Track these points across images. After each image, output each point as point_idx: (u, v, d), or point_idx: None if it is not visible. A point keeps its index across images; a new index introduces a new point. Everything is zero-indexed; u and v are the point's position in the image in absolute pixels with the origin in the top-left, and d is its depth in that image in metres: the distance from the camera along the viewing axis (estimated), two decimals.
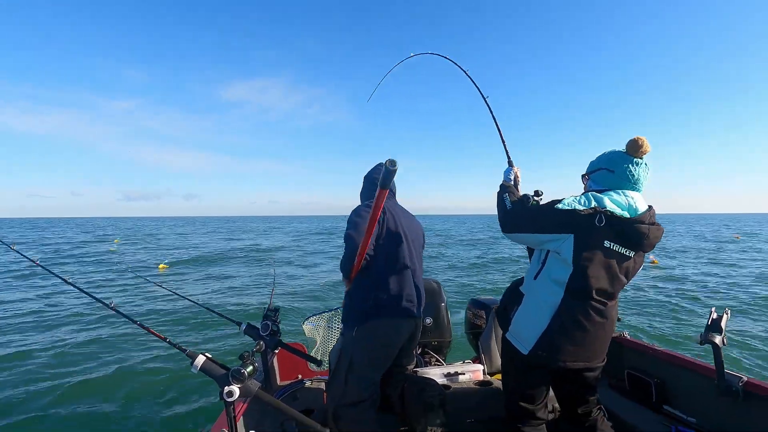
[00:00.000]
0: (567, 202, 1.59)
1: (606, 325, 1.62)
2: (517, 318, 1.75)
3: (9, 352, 5.93)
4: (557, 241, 1.59)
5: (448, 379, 2.47)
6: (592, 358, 1.64)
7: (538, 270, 1.69)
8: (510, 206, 1.76)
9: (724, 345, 1.70)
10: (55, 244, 26.91)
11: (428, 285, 2.94)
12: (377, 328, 1.92)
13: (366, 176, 2.27)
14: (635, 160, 1.63)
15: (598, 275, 1.55)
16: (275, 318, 2.34)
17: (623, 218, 1.55)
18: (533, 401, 1.74)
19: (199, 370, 1.39)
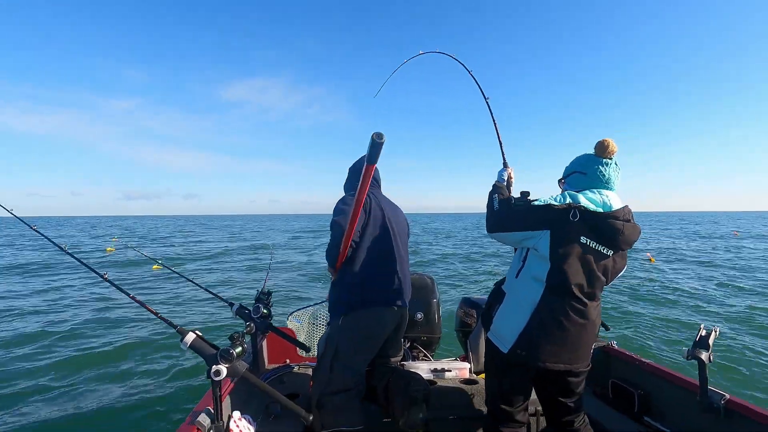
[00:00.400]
0: (543, 200, 1.66)
1: (587, 326, 1.64)
2: (498, 316, 1.77)
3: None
4: (534, 238, 1.63)
5: (434, 374, 2.49)
6: (573, 361, 1.65)
7: (519, 268, 1.72)
8: (497, 207, 1.81)
9: (710, 362, 1.72)
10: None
11: (422, 280, 2.95)
12: (362, 317, 1.95)
13: (351, 167, 2.26)
14: (604, 161, 1.69)
15: (576, 270, 1.59)
16: (267, 301, 2.35)
17: (597, 213, 1.59)
18: (513, 403, 1.75)
19: (189, 347, 1.40)
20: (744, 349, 6.13)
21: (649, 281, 11.39)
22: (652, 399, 2.14)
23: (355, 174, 2.18)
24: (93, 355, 4.90)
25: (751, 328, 7.24)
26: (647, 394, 2.15)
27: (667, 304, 8.92)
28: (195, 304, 7.33)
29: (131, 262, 15.10)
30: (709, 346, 1.72)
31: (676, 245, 22.73)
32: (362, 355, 1.99)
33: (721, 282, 11.74)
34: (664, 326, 7.19)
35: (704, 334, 1.76)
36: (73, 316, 6.41)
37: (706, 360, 1.71)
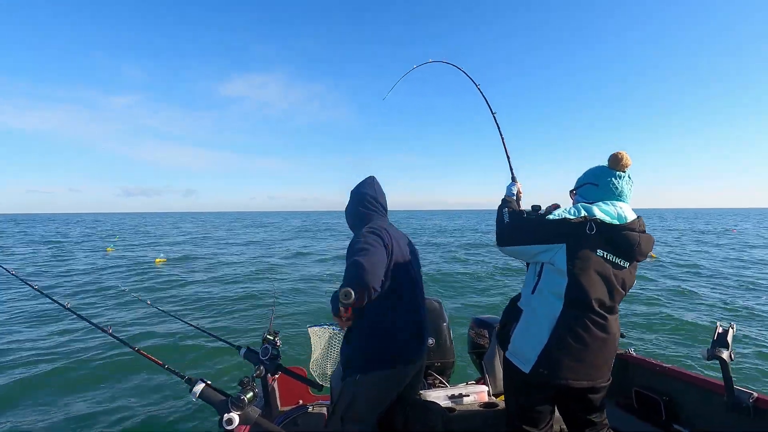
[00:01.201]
0: (557, 213, 1.63)
1: (608, 341, 1.60)
2: (516, 335, 1.71)
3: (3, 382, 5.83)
4: (550, 251, 1.60)
5: (453, 401, 2.42)
6: (595, 377, 1.61)
7: (534, 284, 1.68)
8: (507, 220, 1.77)
9: (731, 360, 1.68)
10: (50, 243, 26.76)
11: (429, 305, 2.90)
12: (382, 378, 1.81)
13: (353, 192, 2.06)
14: (618, 174, 1.69)
15: (595, 284, 1.56)
16: (275, 341, 2.31)
17: (613, 225, 1.58)
18: (537, 424, 1.70)
19: (198, 397, 1.37)
20: (762, 343, 6.01)
21: (654, 282, 11.28)
22: (678, 405, 2.07)
23: (358, 200, 2.02)
24: (92, 410, 4.76)
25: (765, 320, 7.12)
26: (673, 400, 2.09)
27: (676, 304, 8.80)
28: (200, 346, 7.20)
29: (132, 263, 14.90)
30: (729, 344, 1.68)
31: (676, 242, 22.68)
32: (378, 411, 1.87)
33: (727, 278, 11.63)
34: (676, 328, 7.07)
35: (721, 331, 1.73)
36: (70, 367, 6.28)
37: (727, 358, 1.67)
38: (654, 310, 8.32)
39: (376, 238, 1.76)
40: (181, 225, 49.26)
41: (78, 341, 7.96)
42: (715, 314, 7.74)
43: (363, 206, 1.99)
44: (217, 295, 11.85)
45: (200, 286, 12.80)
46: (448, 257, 18.83)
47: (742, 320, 7.25)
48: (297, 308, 10.53)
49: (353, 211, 2.02)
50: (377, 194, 2.03)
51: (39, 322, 9.86)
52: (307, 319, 9.48)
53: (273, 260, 19.20)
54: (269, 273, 15.63)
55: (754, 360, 5.47)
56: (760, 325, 7.03)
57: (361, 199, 2.01)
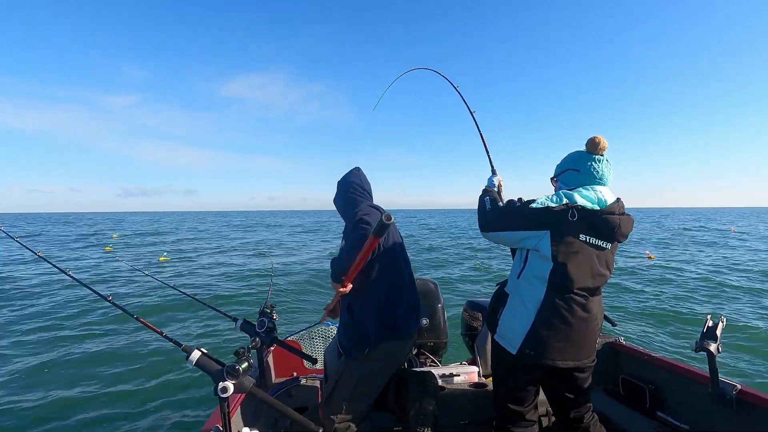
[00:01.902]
0: (540, 201, 1.67)
1: (590, 319, 1.65)
2: (503, 318, 1.77)
3: (2, 344, 5.94)
4: (534, 238, 1.65)
5: (443, 380, 2.47)
6: (580, 356, 1.66)
7: (521, 269, 1.73)
8: (489, 207, 1.82)
9: (718, 353, 1.71)
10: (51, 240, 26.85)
11: (425, 285, 2.94)
12: (385, 351, 1.88)
13: (340, 182, 2.15)
14: (596, 157, 1.72)
15: (579, 268, 1.61)
16: (271, 315, 2.34)
17: (594, 210, 1.62)
18: (522, 403, 1.76)
19: (195, 365, 1.39)
20: (752, 337, 6.10)
21: (651, 276, 11.37)
22: (663, 393, 2.12)
23: (344, 188, 2.11)
24: (93, 377, 4.88)
25: (757, 316, 7.21)
26: (658, 389, 2.13)
27: (671, 297, 8.89)
28: (198, 318, 7.30)
29: (135, 260, 15.07)
30: (717, 337, 1.71)
31: (675, 241, 22.75)
32: (381, 386, 1.95)
33: (723, 273, 11.72)
34: (669, 319, 7.16)
35: (711, 324, 1.75)
36: (75, 335, 6.39)
37: (714, 351, 1.70)
38: (647, 303, 8.42)
39: (366, 227, 1.84)
40: (183, 225, 49.26)
41: (78, 309, 8.09)
42: (709, 308, 7.83)
43: (350, 193, 2.09)
44: (217, 272, 11.99)
45: (202, 269, 12.96)
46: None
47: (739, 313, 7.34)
48: (294, 284, 10.66)
49: (342, 199, 2.12)
50: (362, 182, 2.14)
51: (40, 289, 9.98)
52: (305, 294, 9.60)
53: (271, 239, 19.31)
54: (269, 252, 15.78)
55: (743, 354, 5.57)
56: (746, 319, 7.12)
57: (347, 187, 2.11)
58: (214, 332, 6.63)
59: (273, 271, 4.87)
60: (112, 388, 4.57)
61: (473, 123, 2.61)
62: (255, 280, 11.52)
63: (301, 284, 10.78)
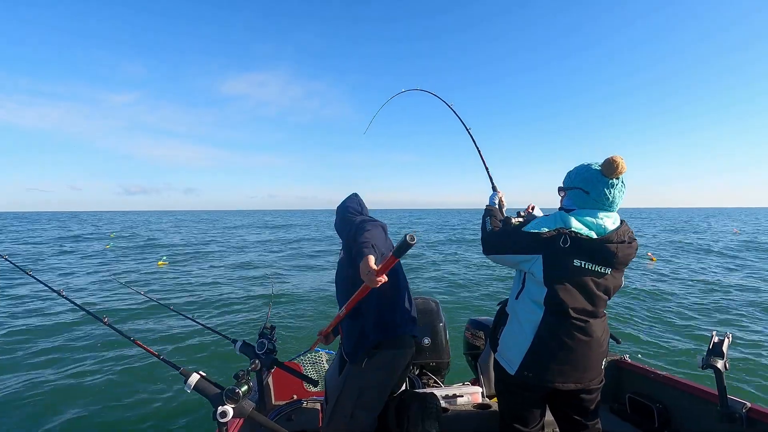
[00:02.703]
0: (533, 224, 1.65)
1: (591, 343, 1.61)
2: (503, 338, 1.77)
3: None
4: (528, 261, 1.64)
5: (446, 401, 2.43)
6: (583, 379, 1.63)
7: (519, 290, 1.73)
8: (489, 228, 1.83)
9: (726, 369, 1.68)
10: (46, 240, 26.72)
11: (426, 304, 2.91)
12: (387, 358, 1.87)
13: (340, 207, 2.24)
14: (611, 182, 1.61)
15: (573, 294, 1.58)
16: (271, 336, 2.31)
17: (590, 239, 1.57)
18: (527, 423, 1.73)
19: (193, 389, 1.37)
20: (760, 353, 6.01)
21: (653, 289, 11.28)
22: (671, 412, 2.08)
23: (343, 212, 2.19)
24: (90, 400, 4.77)
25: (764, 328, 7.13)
26: (666, 408, 2.09)
27: (673, 311, 8.81)
28: (196, 340, 7.20)
29: (131, 260, 14.89)
30: (724, 354, 1.69)
31: (675, 242, 22.68)
32: (383, 397, 1.92)
33: (726, 283, 11.64)
34: (672, 335, 7.08)
35: (717, 341, 1.73)
36: (66, 356, 6.29)
37: (722, 368, 1.67)
38: (651, 315, 8.33)
39: (372, 222, 1.91)
40: (182, 224, 49.24)
41: (73, 330, 7.98)
42: (713, 323, 7.75)
43: (347, 215, 2.20)
44: (215, 292, 11.88)
45: (201, 285, 12.85)
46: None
47: (741, 327, 7.26)
48: (294, 305, 10.55)
49: (340, 222, 2.22)
50: (359, 206, 2.27)
51: (32, 309, 9.87)
52: (305, 315, 9.49)
53: (271, 259, 19.22)
54: (267, 270, 15.68)
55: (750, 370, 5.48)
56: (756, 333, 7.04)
57: (345, 211, 2.23)
58: (212, 353, 6.53)
59: (273, 293, 4.84)
60: (107, 413, 4.47)
61: (470, 140, 2.61)
62: (253, 298, 11.42)
63: (302, 305, 10.68)
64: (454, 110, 2.77)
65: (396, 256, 1.26)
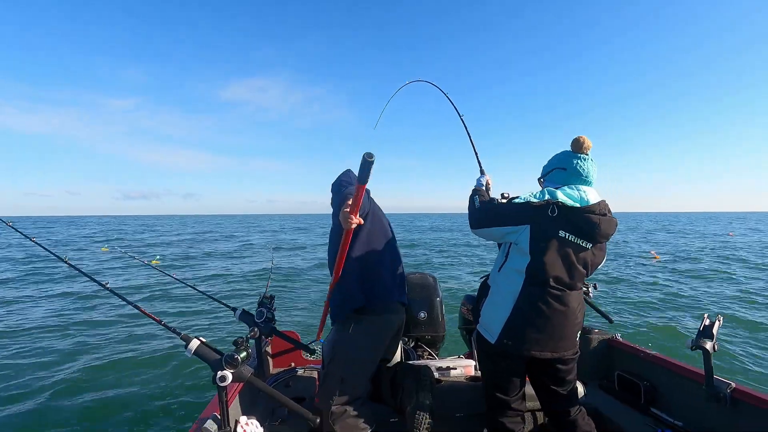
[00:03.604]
0: (523, 197, 1.73)
1: (567, 312, 1.69)
2: (484, 309, 1.86)
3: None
4: (516, 232, 1.70)
5: (440, 373, 2.49)
6: (559, 349, 1.70)
7: (502, 263, 1.80)
8: (478, 205, 1.91)
9: (714, 351, 1.72)
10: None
11: (424, 279, 2.95)
12: (373, 324, 1.92)
13: (334, 184, 2.22)
14: (582, 156, 1.77)
15: (554, 263, 1.66)
16: (270, 305, 2.35)
17: (574, 208, 1.66)
18: (508, 392, 1.80)
19: (193, 354, 1.40)
20: (748, 337, 6.13)
21: (652, 276, 11.39)
22: (658, 390, 2.13)
23: (336, 187, 2.18)
24: (94, 364, 4.91)
25: (754, 315, 7.24)
26: (653, 386, 2.15)
27: (668, 296, 8.92)
28: (197, 309, 7.32)
29: (128, 262, 15.06)
30: (713, 336, 1.72)
31: (674, 243, 22.77)
32: (373, 362, 1.97)
33: (720, 274, 11.75)
34: (666, 318, 7.19)
35: (708, 323, 1.76)
36: (73, 324, 6.41)
37: (710, 349, 1.71)
38: (646, 302, 8.45)
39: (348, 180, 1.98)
40: (180, 228, 49.04)
41: (75, 296, 8.11)
42: (707, 309, 7.87)
43: (341, 187, 2.17)
44: (215, 267, 11.99)
45: (198, 263, 12.93)
46: None
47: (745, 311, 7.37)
48: (293, 276, 10.68)
49: (335, 195, 2.21)
50: (351, 179, 2.23)
51: (34, 276, 10.00)
52: (303, 286, 9.62)
53: (272, 237, 19.29)
54: (268, 244, 15.80)
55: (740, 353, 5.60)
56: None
57: (338, 185, 2.20)
58: (212, 323, 6.66)
59: (272, 263, 4.89)
60: (109, 376, 4.61)
61: (463, 127, 2.76)
62: (253, 280, 11.54)
63: (300, 276, 10.81)
64: (449, 98, 2.91)
65: (361, 183, 1.27)
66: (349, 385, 1.86)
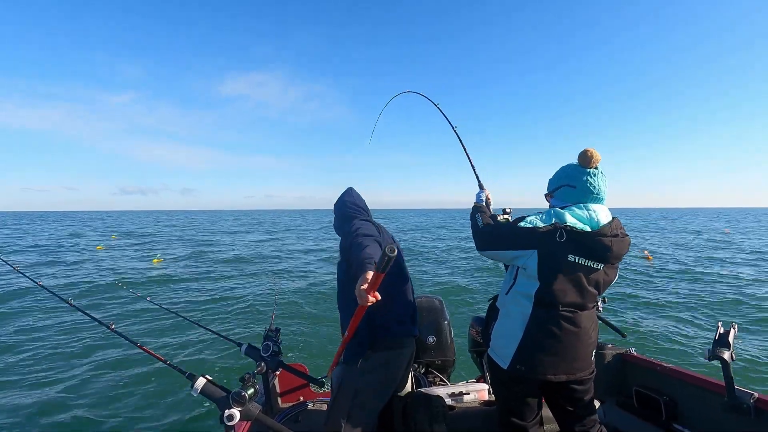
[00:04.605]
0: (529, 220, 1.66)
1: (580, 333, 1.64)
2: (495, 333, 1.80)
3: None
4: (523, 257, 1.65)
5: (453, 399, 2.43)
6: (574, 370, 1.65)
7: (510, 286, 1.75)
8: (481, 226, 1.85)
9: (732, 360, 1.68)
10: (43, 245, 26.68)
11: (430, 303, 2.92)
12: (383, 360, 1.87)
13: (337, 205, 2.23)
14: (591, 171, 1.69)
15: (564, 288, 1.60)
16: (276, 338, 2.31)
17: (584, 232, 1.60)
18: (524, 417, 1.74)
19: (199, 393, 1.37)
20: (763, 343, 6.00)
21: (652, 282, 11.26)
22: (678, 404, 2.07)
23: (339, 209, 2.20)
24: (96, 405, 4.78)
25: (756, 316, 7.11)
26: (673, 400, 2.09)
27: (675, 304, 8.79)
28: (201, 342, 7.21)
29: (126, 258, 14.88)
30: (730, 344, 1.68)
31: (671, 242, 22.66)
32: (382, 398, 1.91)
33: (723, 277, 11.62)
34: (677, 328, 7.06)
35: (723, 331, 1.72)
36: (72, 361, 6.31)
37: (728, 359, 1.67)
38: (655, 311, 8.31)
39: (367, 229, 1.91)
40: (177, 224, 49.26)
41: (79, 337, 8.00)
42: (717, 315, 7.74)
43: (345, 212, 2.19)
44: (217, 293, 11.89)
45: (199, 284, 12.85)
46: None
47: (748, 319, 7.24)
48: (298, 306, 10.56)
49: (338, 220, 2.22)
50: (355, 199, 2.25)
51: (39, 316, 9.89)
52: (308, 317, 9.50)
53: (273, 257, 19.23)
54: (270, 269, 15.69)
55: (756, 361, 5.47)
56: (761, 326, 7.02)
57: (342, 207, 2.22)
58: (217, 357, 6.54)
59: (276, 293, 4.84)
60: (113, 419, 4.49)
61: (457, 139, 2.67)
62: (256, 299, 11.42)
63: (306, 306, 10.69)
64: (441, 110, 2.85)
65: (381, 272, 1.27)
66: (355, 421, 1.80)
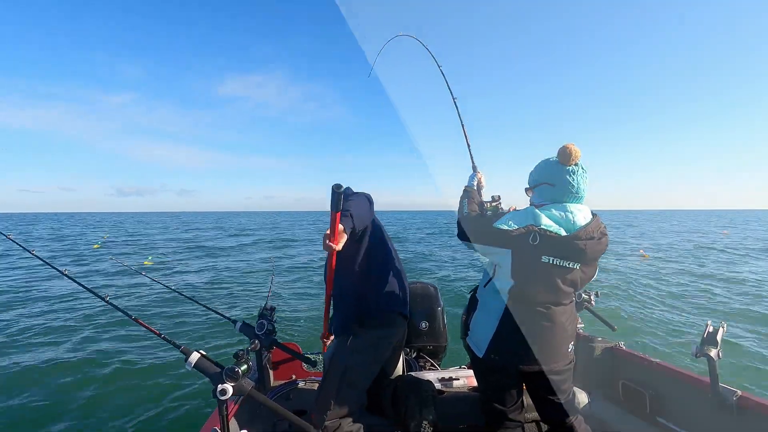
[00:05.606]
0: (503, 220, 1.65)
1: (554, 328, 1.66)
2: (473, 323, 1.85)
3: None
4: (498, 254, 1.67)
5: (443, 384, 2.46)
6: (548, 362, 1.67)
7: (488, 279, 1.77)
8: (466, 212, 1.84)
9: (719, 358, 1.70)
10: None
11: (425, 289, 2.94)
12: (373, 338, 1.90)
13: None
14: (571, 169, 1.64)
15: (538, 288, 1.62)
16: (271, 317, 2.33)
17: (559, 236, 1.58)
18: (504, 403, 1.78)
19: (193, 368, 1.39)
20: (753, 343, 6.09)
21: (647, 279, 11.36)
22: (663, 399, 2.11)
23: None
24: (92, 378, 4.85)
25: (756, 321, 7.20)
26: (658, 395, 2.12)
27: (668, 301, 8.88)
28: (196, 320, 7.27)
29: (122, 256, 14.92)
30: (718, 343, 1.71)
31: (669, 243, 22.78)
32: (369, 376, 1.94)
33: (718, 278, 11.72)
34: (668, 325, 7.15)
35: (711, 330, 1.75)
36: (69, 335, 6.36)
37: (715, 357, 1.69)
38: (647, 306, 8.40)
39: (356, 194, 1.88)
40: (173, 226, 48.99)
41: (74, 308, 8.06)
42: (708, 314, 7.83)
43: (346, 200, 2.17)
44: (213, 276, 11.94)
45: (194, 267, 12.89)
46: None
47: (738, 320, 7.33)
48: (294, 287, 10.63)
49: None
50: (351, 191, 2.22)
51: (33, 288, 9.95)
52: (304, 297, 9.57)
53: (269, 241, 19.25)
54: (267, 252, 15.73)
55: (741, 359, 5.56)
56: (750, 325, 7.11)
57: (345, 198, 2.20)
58: (212, 333, 6.61)
59: (273, 271, 4.86)
60: (107, 390, 4.55)
61: (455, 111, 2.41)
62: (252, 278, 11.48)
63: (301, 286, 10.76)
64: (443, 71, 2.50)
65: (335, 211, 1.28)
66: (344, 399, 1.83)
